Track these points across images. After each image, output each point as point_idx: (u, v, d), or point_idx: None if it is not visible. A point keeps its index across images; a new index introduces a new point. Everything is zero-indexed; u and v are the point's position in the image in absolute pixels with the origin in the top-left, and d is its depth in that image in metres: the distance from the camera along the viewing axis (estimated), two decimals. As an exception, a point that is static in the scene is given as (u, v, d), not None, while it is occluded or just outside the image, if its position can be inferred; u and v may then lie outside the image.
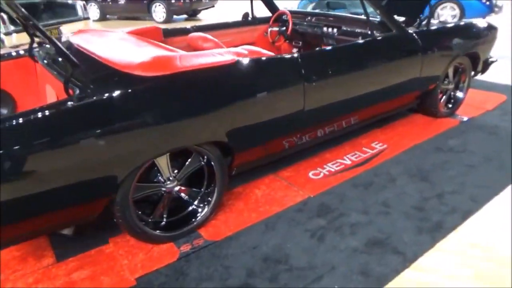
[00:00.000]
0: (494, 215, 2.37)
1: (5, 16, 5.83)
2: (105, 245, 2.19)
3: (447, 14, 8.34)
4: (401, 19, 3.47)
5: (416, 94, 3.40)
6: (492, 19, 8.83)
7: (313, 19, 3.78)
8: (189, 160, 2.19)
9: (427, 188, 2.64)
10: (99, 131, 1.76)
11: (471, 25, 3.63)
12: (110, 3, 11.44)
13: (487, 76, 4.78)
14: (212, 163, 2.22)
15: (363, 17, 3.22)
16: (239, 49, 2.35)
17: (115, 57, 2.10)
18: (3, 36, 5.80)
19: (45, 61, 2.56)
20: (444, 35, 3.36)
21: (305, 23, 3.87)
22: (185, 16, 11.95)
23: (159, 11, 10.89)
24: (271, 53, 2.58)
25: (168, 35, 3.44)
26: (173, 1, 10.59)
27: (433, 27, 3.36)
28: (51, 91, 2.54)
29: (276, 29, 3.95)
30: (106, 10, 11.77)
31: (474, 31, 3.60)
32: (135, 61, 2.00)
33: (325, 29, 3.63)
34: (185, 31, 3.50)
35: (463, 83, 3.76)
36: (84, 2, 7.18)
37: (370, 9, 2.97)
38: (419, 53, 3.09)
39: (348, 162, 3.01)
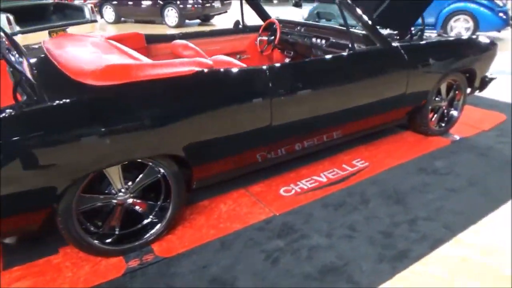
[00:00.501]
0: (467, 245, 2.22)
1: (11, 17, 5.95)
2: (54, 255, 2.15)
3: (460, 27, 8.08)
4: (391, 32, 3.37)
5: (404, 111, 3.25)
6: (508, 32, 8.55)
7: (302, 29, 3.68)
8: (144, 172, 2.13)
9: (400, 212, 2.50)
10: (37, 139, 1.71)
11: (467, 41, 3.47)
12: (124, 6, 11.60)
13: (489, 93, 4.60)
14: (167, 177, 2.16)
15: (351, 29, 3.11)
16: (205, 60, 2.28)
17: (72, 65, 2.07)
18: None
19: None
20: (435, 50, 3.21)
21: (296, 32, 3.78)
22: (198, 21, 12.00)
23: (171, 16, 10.96)
24: (242, 64, 2.51)
25: (151, 42, 3.41)
26: (185, 6, 10.65)
27: (424, 42, 3.22)
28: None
29: (265, 38, 3.87)
30: (121, 13, 11.93)
31: (469, 47, 3.43)
32: (88, 70, 1.96)
33: (314, 39, 3.53)
34: (169, 38, 3.47)
35: (457, 101, 3.59)
36: (92, 5, 7.29)
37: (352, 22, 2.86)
38: (405, 68, 2.95)
39: (324, 179, 2.89)
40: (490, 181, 2.83)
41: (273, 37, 3.73)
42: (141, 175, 2.12)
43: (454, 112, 3.61)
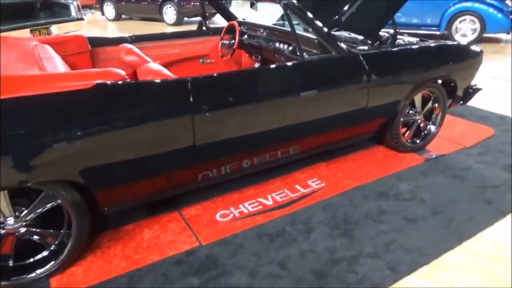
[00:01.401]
0: (411, 292, 1.90)
1: None
2: None
3: (466, 28, 7.58)
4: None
5: (372, 125, 2.92)
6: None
7: (265, 33, 3.37)
8: (38, 199, 1.88)
9: (344, 245, 2.19)
10: None
11: (445, 47, 3.09)
12: (124, 3, 11.44)
13: (483, 103, 4.20)
14: (64, 205, 1.90)
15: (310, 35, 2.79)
16: (117, 70, 2.01)
17: None
18: None
19: None
20: (404, 58, 2.86)
21: (260, 36, 3.47)
22: (199, 18, 11.73)
23: (169, 13, 10.75)
24: (170, 75, 2.24)
25: (98, 45, 3.16)
26: (183, 3, 10.41)
27: (394, 49, 2.87)
28: None
29: (226, 41, 3.58)
30: (121, 10, 11.80)
31: (447, 54, 3.06)
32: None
33: (277, 44, 3.22)
34: (119, 41, 3.21)
35: (436, 115, 3.23)
36: (78, 2, 7.11)
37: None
38: (364, 79, 2.62)
39: (269, 202, 2.59)
40: (458, 210, 2.48)
41: (233, 41, 3.44)
42: (34, 203, 1.88)
43: (431, 127, 3.25)
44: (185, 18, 11.05)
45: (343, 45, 2.65)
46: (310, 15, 2.51)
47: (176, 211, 2.51)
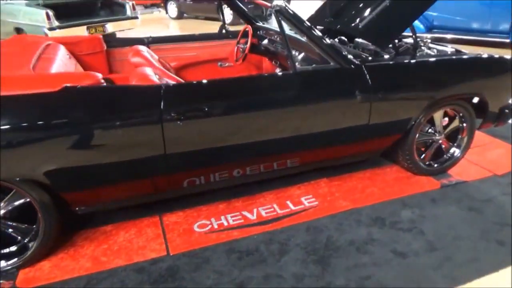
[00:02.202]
0: None
1: (50, 13, 6.32)
2: None
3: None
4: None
5: (374, 144, 2.67)
6: None
7: (278, 38, 3.23)
8: (9, 196, 1.97)
9: (314, 274, 2.02)
10: None
11: (471, 60, 2.72)
12: (186, 2, 11.84)
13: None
14: (33, 203, 1.97)
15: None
16: (95, 74, 2.04)
17: None
18: (46, 31, 6.31)
19: None
20: (415, 72, 2.56)
21: (276, 41, 3.34)
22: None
23: (226, 13, 10.90)
24: (156, 81, 2.23)
25: (114, 46, 3.26)
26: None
27: (407, 60, 2.59)
28: None
29: (242, 45, 3.49)
30: (182, 9, 12.23)
31: (474, 68, 2.70)
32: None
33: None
34: (135, 42, 3.29)
35: (461, 136, 2.86)
36: (133, 1, 7.48)
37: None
38: (366, 93, 2.39)
39: (252, 217, 2.48)
40: (460, 249, 2.17)
41: (246, 45, 3.35)
42: (6, 198, 1.97)
43: (455, 150, 2.89)
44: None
45: (350, 56, 2.44)
46: (306, 23, 2.35)
47: (158, 216, 2.50)
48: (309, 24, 2.36)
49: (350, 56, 2.43)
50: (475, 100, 2.77)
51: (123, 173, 2.09)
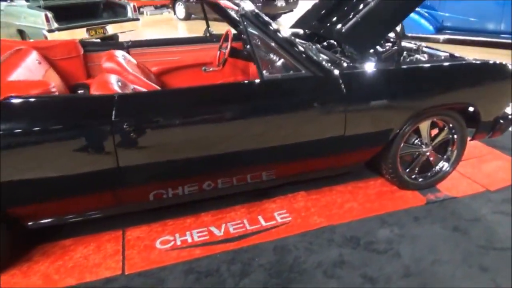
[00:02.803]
0: None
1: (49, 15, 6.32)
2: None
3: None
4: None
5: (354, 156, 2.50)
6: None
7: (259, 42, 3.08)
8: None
9: (272, 300, 1.87)
10: None
11: (461, 67, 2.51)
12: (193, 3, 11.77)
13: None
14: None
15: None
16: (44, 82, 1.94)
17: None
18: (46, 33, 6.31)
19: None
20: (395, 80, 2.36)
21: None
22: (264, 19, 11.63)
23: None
24: (117, 90, 2.11)
25: (91, 50, 3.17)
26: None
27: (387, 67, 2.40)
28: None
29: (224, 50, 3.35)
30: (190, 10, 12.16)
31: (464, 76, 2.49)
32: None
33: (271, 56, 2.92)
34: (114, 46, 3.18)
35: (451, 149, 2.66)
36: (134, 3, 7.43)
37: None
38: (340, 102, 2.22)
39: (219, 233, 2.34)
40: (438, 275, 1.98)
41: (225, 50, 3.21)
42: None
43: (444, 165, 2.69)
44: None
45: (325, 63, 2.28)
46: (274, 26, 2.20)
47: (121, 230, 2.39)
48: (276, 28, 2.20)
49: (324, 63, 2.27)
50: (471, 109, 2.57)
51: (73, 186, 1.98)
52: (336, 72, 2.25)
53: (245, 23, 2.14)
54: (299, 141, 2.29)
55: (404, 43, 3.13)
